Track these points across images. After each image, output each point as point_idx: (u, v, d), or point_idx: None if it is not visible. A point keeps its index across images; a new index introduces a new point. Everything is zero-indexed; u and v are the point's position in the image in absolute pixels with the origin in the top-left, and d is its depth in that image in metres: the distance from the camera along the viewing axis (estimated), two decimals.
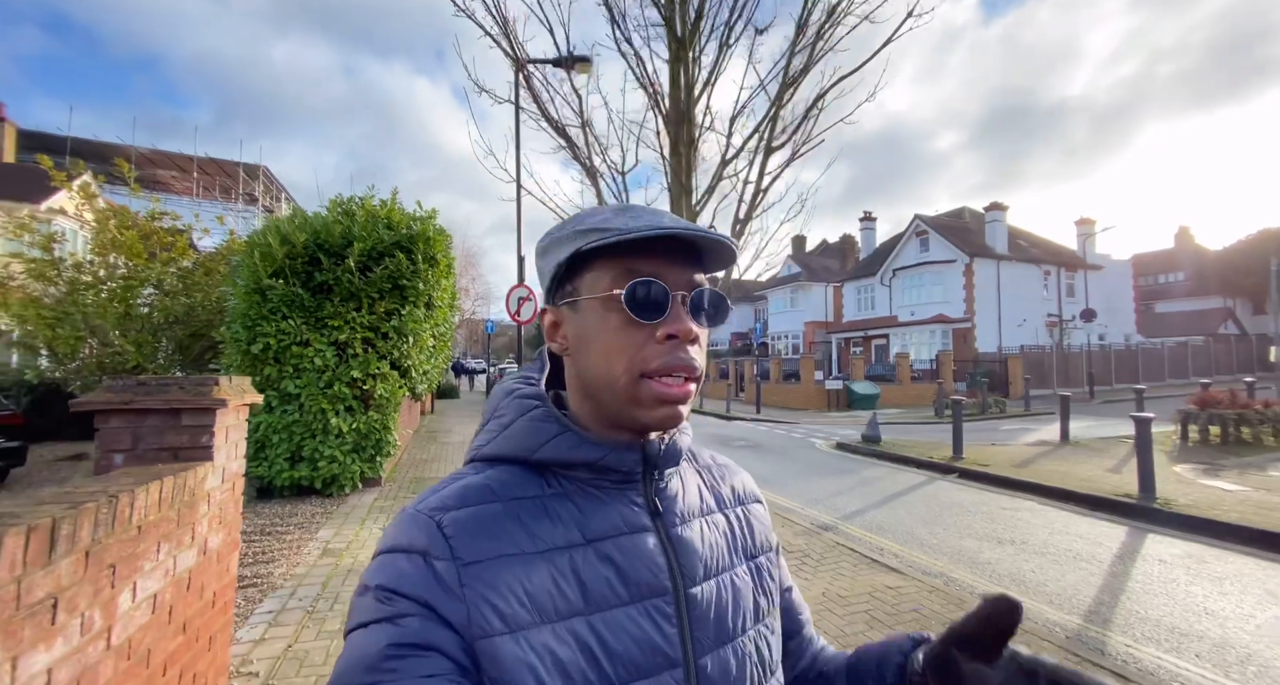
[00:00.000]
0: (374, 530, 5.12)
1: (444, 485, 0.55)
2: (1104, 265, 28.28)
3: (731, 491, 0.68)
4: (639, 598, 0.52)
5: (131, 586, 1.58)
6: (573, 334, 0.57)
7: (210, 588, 2.10)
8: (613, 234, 0.51)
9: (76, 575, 1.34)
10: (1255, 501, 5.73)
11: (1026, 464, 7.97)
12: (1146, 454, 5.92)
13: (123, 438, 1.99)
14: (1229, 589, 3.86)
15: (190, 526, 1.93)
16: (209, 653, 2.11)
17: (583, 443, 0.54)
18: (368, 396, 6.54)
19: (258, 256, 6.04)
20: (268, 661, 2.90)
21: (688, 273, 0.54)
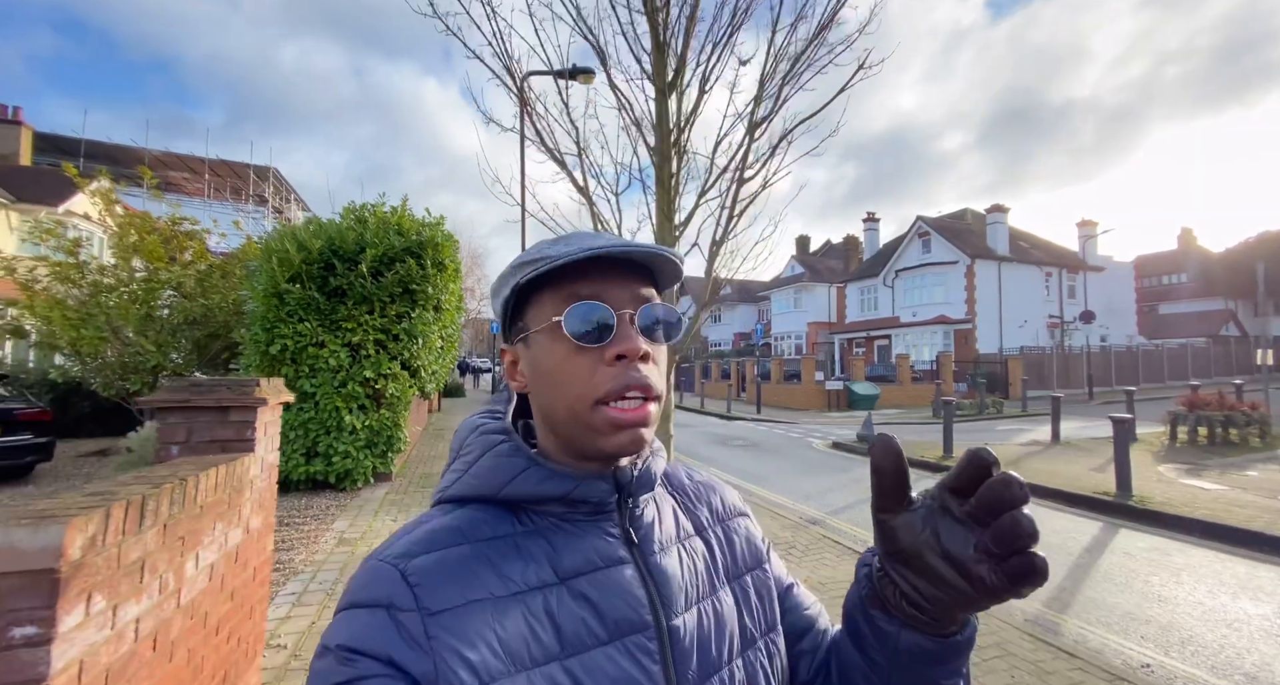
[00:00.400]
0: (386, 522, 5.43)
1: (408, 530, 0.53)
2: (1105, 267, 28.36)
3: (710, 511, 0.66)
4: (618, 635, 0.50)
5: (195, 556, 1.88)
6: (528, 370, 0.56)
7: (252, 563, 2.41)
8: (544, 262, 0.50)
9: (157, 543, 1.64)
10: (1228, 500, 5.96)
11: (1014, 463, 8.21)
12: (1124, 454, 6.16)
13: (179, 431, 2.30)
14: (1185, 579, 4.11)
15: (238, 509, 2.24)
16: (250, 620, 2.41)
17: (551, 476, 0.53)
18: (379, 395, 6.85)
19: (276, 262, 6.36)
20: (294, 635, 3.21)
21: (633, 290, 0.53)
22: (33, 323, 8.47)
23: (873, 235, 34.34)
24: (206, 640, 1.99)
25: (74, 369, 8.84)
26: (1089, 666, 2.84)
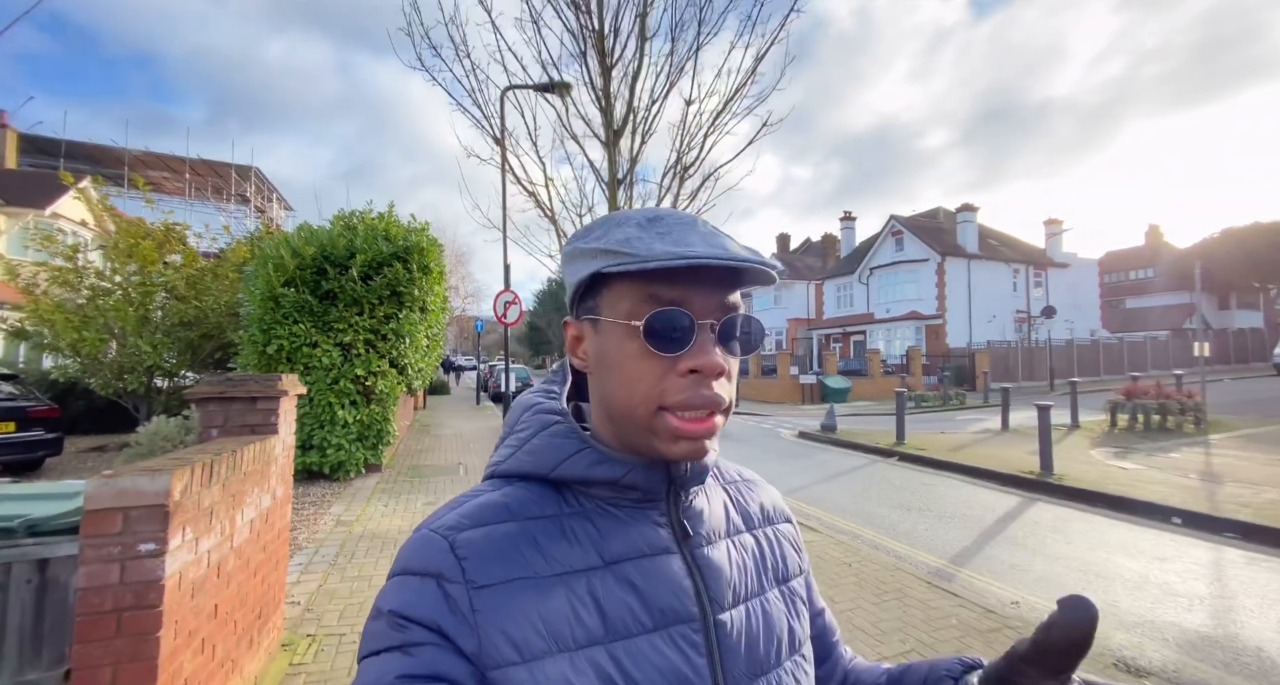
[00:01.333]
0: (378, 507, 5.94)
1: (459, 502, 0.53)
2: (1070, 263, 29.48)
3: (760, 510, 0.65)
4: (663, 624, 0.49)
5: (241, 511, 2.43)
6: (593, 353, 0.54)
7: (277, 524, 2.94)
8: (632, 261, 0.47)
9: (220, 496, 2.19)
10: (1140, 477, 6.70)
11: (960, 448, 8.94)
12: (1046, 438, 6.88)
13: (217, 417, 2.83)
14: (1076, 541, 4.80)
15: (267, 478, 2.77)
16: (276, 571, 2.95)
17: (604, 460, 0.52)
18: (370, 392, 7.35)
19: (271, 268, 6.82)
20: (305, 595, 3.73)
21: (719, 296, 0.50)
22: (35, 325, 8.79)
23: (849, 233, 35.22)
24: (248, 580, 2.53)
25: (73, 369, 9.18)
26: (968, 604, 3.48)
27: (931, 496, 6.41)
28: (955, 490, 6.70)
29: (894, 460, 8.60)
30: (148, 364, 8.78)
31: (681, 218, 0.53)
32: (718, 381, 0.50)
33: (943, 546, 4.72)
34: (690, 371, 0.48)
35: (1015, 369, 23.03)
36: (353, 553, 4.56)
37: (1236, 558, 4.39)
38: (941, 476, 7.48)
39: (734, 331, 0.51)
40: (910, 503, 6.14)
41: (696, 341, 0.49)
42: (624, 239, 0.49)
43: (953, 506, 5.99)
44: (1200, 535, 4.92)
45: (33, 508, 2.10)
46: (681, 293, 0.49)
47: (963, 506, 5.98)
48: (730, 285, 0.51)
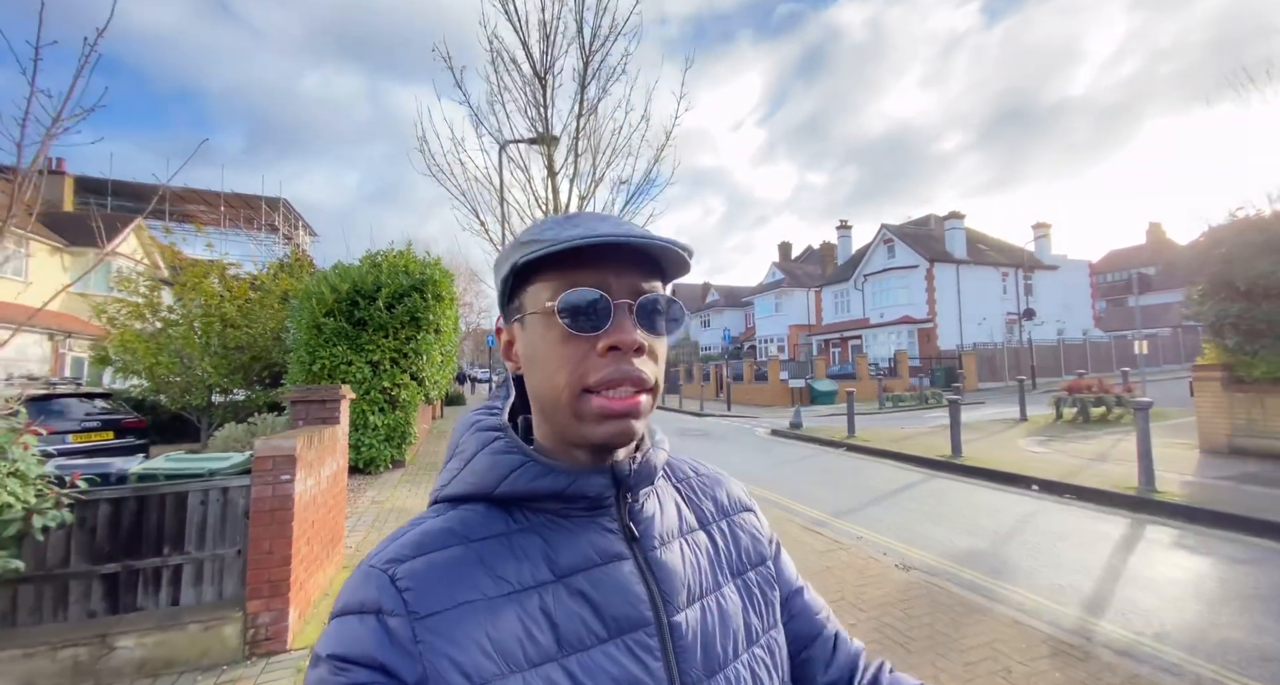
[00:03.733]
0: (404, 493, 7.45)
1: (400, 533, 0.52)
2: (1059, 266, 30.33)
3: (715, 504, 0.65)
4: (617, 632, 0.49)
5: (324, 468, 3.93)
6: (522, 352, 0.55)
7: (339, 483, 4.45)
8: (543, 246, 0.48)
9: (316, 455, 3.70)
10: (1042, 458, 7.94)
11: (902, 440, 10.21)
12: (956, 428, 8.19)
13: (303, 412, 4.36)
14: (951, 502, 6.11)
15: (335, 451, 4.29)
16: (339, 514, 4.45)
17: (547, 472, 0.52)
18: (395, 400, 8.91)
19: (315, 302, 8.45)
20: (355, 543, 5.22)
21: (635, 280, 0.51)
22: (118, 352, 10.54)
23: (846, 241, 36.42)
24: (326, 513, 4.04)
25: (148, 388, 10.91)
26: (824, 538, 4.85)
27: (855, 475, 7.75)
28: (876, 470, 8.03)
29: (842, 451, 9.92)
30: (209, 382, 10.47)
31: (597, 214, 0.55)
32: (639, 358, 0.50)
33: (835, 507, 6.07)
34: (610, 349, 0.49)
35: (1001, 369, 24.01)
36: (386, 520, 6.06)
37: (1052, 508, 5.70)
38: (872, 461, 8.80)
39: (654, 310, 0.51)
40: (834, 480, 7.49)
41: (614, 321, 0.49)
42: (539, 232, 0.52)
43: (866, 481, 7.33)
44: (1045, 497, 6.20)
45: (209, 465, 3.63)
46: (598, 276, 0.50)
47: (875, 480, 7.31)
48: (649, 272, 0.53)
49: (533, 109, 4.62)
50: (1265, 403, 7.60)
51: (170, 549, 3.19)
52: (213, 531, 3.29)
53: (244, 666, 3.02)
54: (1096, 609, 3.44)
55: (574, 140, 4.53)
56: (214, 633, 3.09)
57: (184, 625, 3.04)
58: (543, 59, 4.51)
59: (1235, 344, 8.03)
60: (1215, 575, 3.92)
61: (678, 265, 0.54)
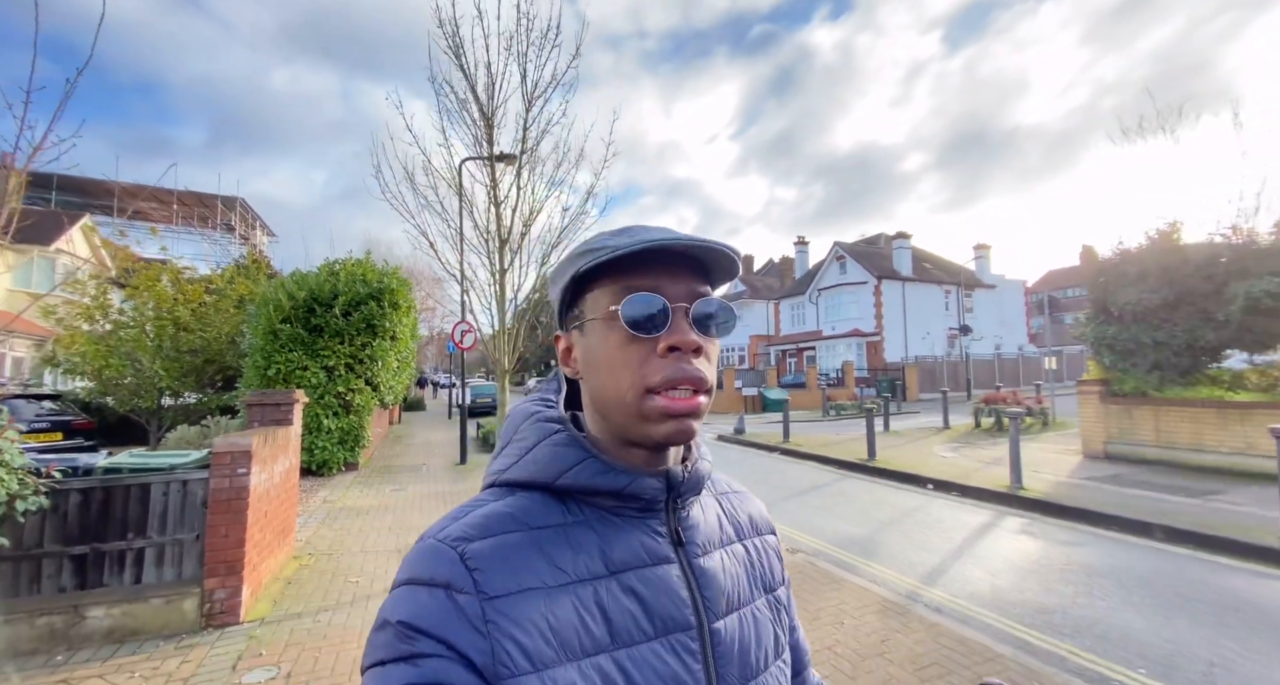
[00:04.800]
0: (356, 493, 7.80)
1: (463, 512, 0.54)
2: (997, 285, 32.35)
3: (750, 521, 0.68)
4: (664, 632, 0.51)
5: (277, 464, 4.37)
6: (582, 356, 0.57)
7: (290, 479, 4.88)
8: (605, 252, 0.52)
9: (270, 451, 4.16)
10: (945, 462, 8.84)
11: (830, 445, 11.07)
12: (871, 434, 9.04)
13: (258, 414, 4.78)
14: (852, 496, 6.87)
15: (287, 450, 4.72)
16: (290, 507, 4.87)
17: (607, 470, 0.54)
18: (349, 405, 9.23)
19: (271, 308, 8.74)
20: (305, 537, 5.62)
21: (689, 285, 0.54)
22: (65, 354, 10.50)
23: (803, 256, 37.92)
24: (278, 506, 4.47)
25: (95, 389, 10.89)
26: None
27: (778, 475, 8.49)
28: (798, 471, 8.81)
29: (776, 454, 10.69)
30: (160, 385, 10.53)
31: (649, 225, 0.57)
32: (697, 359, 0.53)
33: None
34: (670, 350, 0.52)
35: (941, 381, 25.50)
36: (336, 517, 6.44)
37: (937, 503, 6.53)
38: (798, 463, 9.59)
39: (706, 313, 0.54)
40: (759, 480, 8.21)
41: (673, 323, 0.52)
42: (597, 242, 0.55)
43: (785, 480, 8.08)
44: (935, 494, 7.05)
45: (170, 460, 4.03)
46: (655, 281, 0.53)
47: (792, 480, 8.07)
48: (700, 276, 0.56)
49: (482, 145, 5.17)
50: (1133, 414, 8.69)
51: (134, 534, 3.59)
52: (173, 519, 3.71)
53: (201, 635, 3.45)
54: (932, 579, 4.18)
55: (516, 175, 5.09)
56: (174, 606, 3.51)
57: (147, 599, 3.47)
58: (489, 103, 5.08)
59: (1110, 362, 9.15)
60: (1039, 554, 4.74)
61: (727, 270, 0.57)
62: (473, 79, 4.94)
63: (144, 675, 3.00)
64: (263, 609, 3.84)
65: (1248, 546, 4.59)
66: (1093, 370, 9.67)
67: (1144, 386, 8.60)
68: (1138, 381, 8.69)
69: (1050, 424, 13.51)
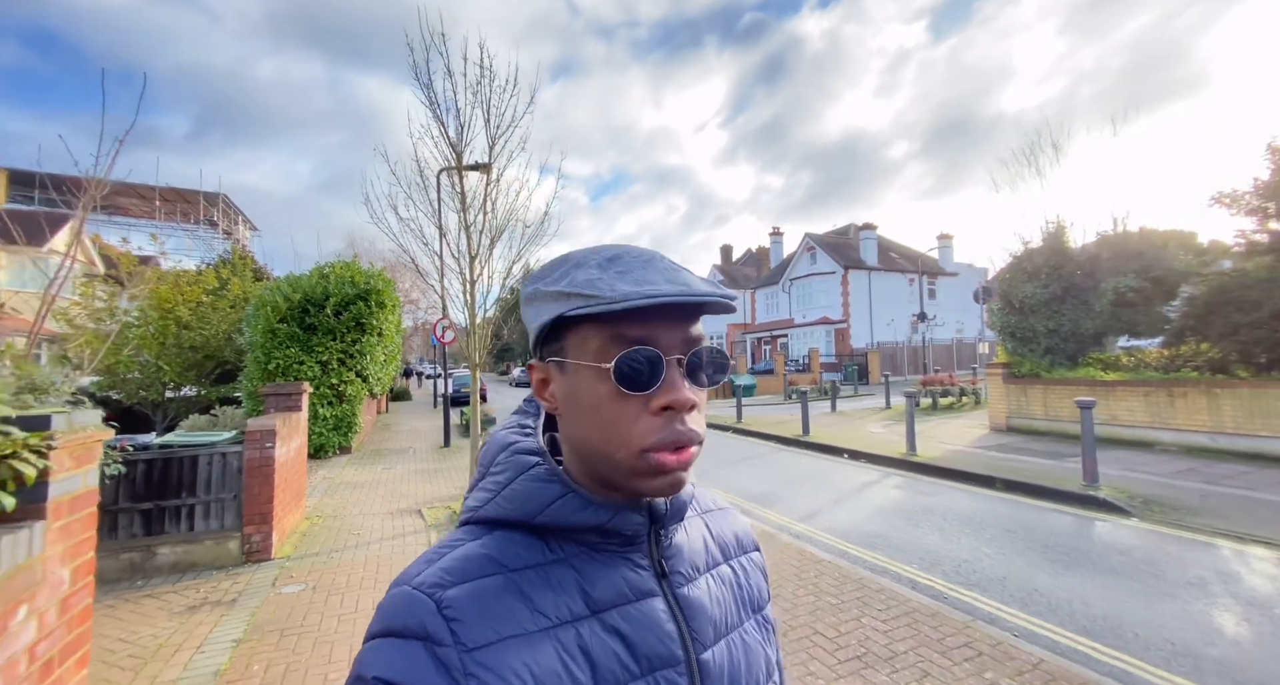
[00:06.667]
0: (351, 471, 8.90)
1: (439, 554, 0.52)
2: (960, 273, 33.88)
3: (735, 539, 0.67)
4: (649, 670, 0.50)
5: (291, 442, 5.48)
6: (562, 395, 0.54)
7: (302, 455, 5.99)
8: (597, 304, 0.48)
9: (287, 431, 5.28)
10: (874, 435, 10.15)
11: (780, 424, 12.36)
12: (805, 413, 10.31)
13: (273, 403, 5.87)
14: (777, 464, 8.13)
15: (298, 431, 5.83)
16: (302, 477, 5.98)
17: (587, 506, 0.52)
18: (342, 395, 10.29)
19: (269, 309, 9.74)
20: (313, 505, 6.73)
21: (683, 331, 0.51)
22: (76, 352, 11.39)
23: (778, 247, 39.15)
24: (295, 474, 5.60)
25: (103, 383, 11.81)
26: None
27: (722, 449, 9.76)
28: (742, 446, 10.08)
29: (729, 433, 11.97)
30: (164, 379, 11.48)
31: (640, 255, 0.53)
32: (690, 416, 0.50)
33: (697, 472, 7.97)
34: (663, 409, 0.49)
35: (902, 365, 27.05)
36: (336, 490, 7.56)
37: (845, 467, 7.82)
38: (744, 439, 10.87)
39: (700, 364, 0.52)
40: (709, 453, 9.45)
41: (666, 378, 0.49)
42: (586, 281, 0.50)
43: (728, 453, 9.34)
44: (847, 461, 8.34)
45: (209, 438, 5.13)
46: (647, 330, 0.49)
47: (733, 453, 9.33)
48: (693, 318, 0.52)
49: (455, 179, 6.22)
50: (1028, 392, 10.06)
51: (187, 494, 4.70)
52: (216, 482, 4.82)
53: (244, 567, 4.59)
54: (806, 518, 5.44)
55: (482, 202, 6.14)
56: (222, 546, 4.65)
57: (201, 541, 4.59)
58: (458, 141, 6.14)
59: (1012, 347, 10.50)
60: (898, 500, 6.03)
61: (721, 310, 0.52)
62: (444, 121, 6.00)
63: (206, 592, 4.13)
64: (287, 550, 4.98)
65: (1055, 491, 5.91)
66: (1000, 355, 11.03)
67: (1037, 369, 9.96)
68: (1032, 364, 10.05)
69: (982, 403, 14.94)
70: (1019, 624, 3.31)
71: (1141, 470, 6.90)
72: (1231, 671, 2.73)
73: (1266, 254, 7.30)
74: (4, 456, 1.53)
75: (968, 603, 3.61)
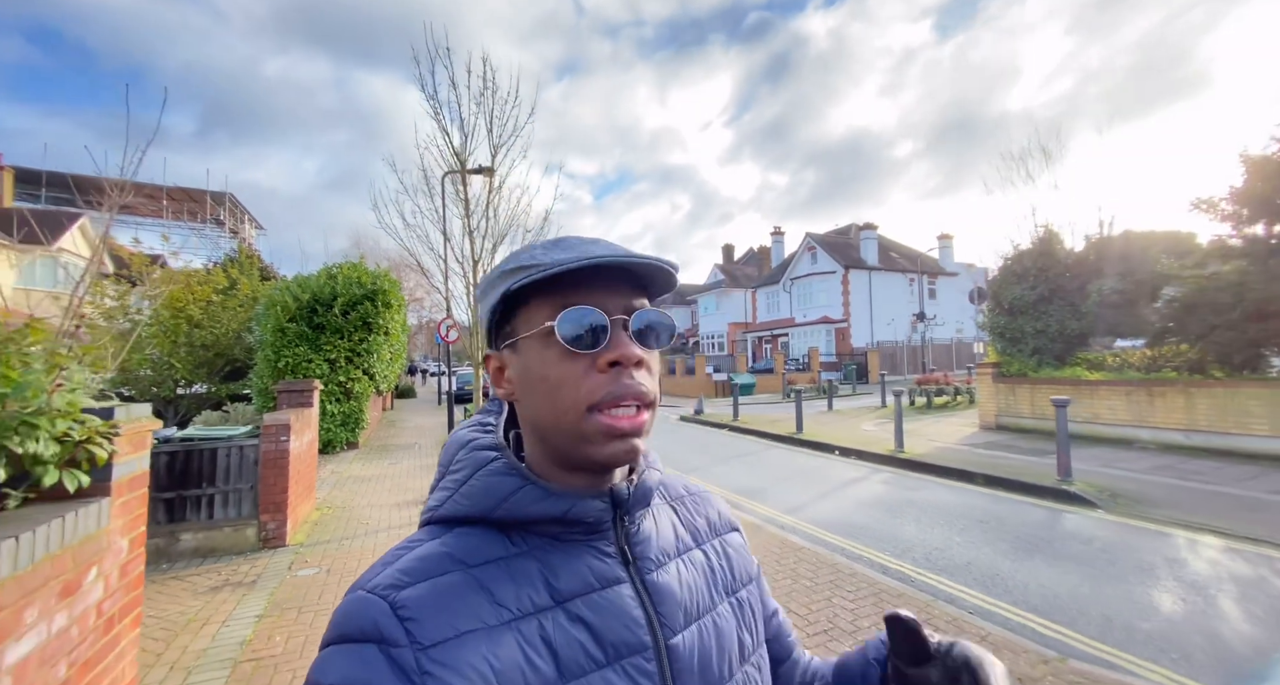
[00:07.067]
0: (358, 466, 9.22)
1: (395, 555, 0.51)
2: (959, 272, 34.03)
3: (708, 523, 0.66)
4: (616, 657, 0.50)
5: (304, 435, 5.80)
6: (517, 377, 0.55)
7: (313, 449, 6.30)
8: (538, 270, 0.49)
9: (300, 425, 5.59)
10: (867, 433, 10.42)
11: (775, 423, 12.62)
12: (799, 412, 10.58)
13: (286, 399, 6.19)
14: (769, 460, 8.40)
15: (310, 426, 6.14)
16: (312, 470, 6.29)
17: (546, 496, 0.52)
18: (349, 392, 10.61)
19: (279, 309, 10.06)
20: (323, 497, 7.04)
21: (626, 298, 0.53)
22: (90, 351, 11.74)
23: (779, 246, 39.37)
24: (307, 466, 5.91)
25: (116, 380, 12.16)
26: None
27: (719, 447, 10.04)
28: (737, 443, 10.36)
29: (725, 431, 12.26)
30: (179, 376, 11.83)
31: (583, 237, 0.55)
32: (639, 372, 0.51)
33: (690, 466, 8.29)
34: (611, 365, 0.50)
35: (902, 364, 27.27)
36: (344, 483, 7.87)
37: (834, 463, 8.10)
38: (739, 437, 11.15)
39: (645, 325, 0.53)
40: (701, 450, 9.75)
41: (612, 337, 0.50)
42: (527, 256, 0.53)
43: (723, 451, 9.62)
44: (837, 458, 8.62)
45: (227, 432, 5.44)
46: (591, 296, 0.51)
47: (729, 450, 9.61)
48: (638, 290, 0.54)
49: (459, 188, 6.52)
50: (1015, 391, 10.31)
51: (207, 484, 5.01)
52: (234, 474, 5.13)
53: (261, 552, 4.90)
54: (793, 511, 5.73)
55: (485, 208, 6.44)
56: (240, 533, 4.96)
57: (221, 528, 4.91)
58: (462, 150, 6.44)
59: (1002, 348, 10.75)
60: (882, 494, 6.30)
61: (664, 283, 0.54)
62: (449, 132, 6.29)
63: (227, 575, 4.44)
64: (300, 538, 5.29)
65: (1031, 486, 6.18)
66: (990, 355, 11.28)
67: (1025, 368, 10.21)
68: (1020, 364, 10.30)
69: (976, 402, 15.17)
70: (976, 603, 3.59)
71: (1118, 466, 7.17)
72: (1157, 641, 3.01)
73: (1240, 258, 7.54)
74: (83, 441, 1.82)
75: (933, 585, 3.89)
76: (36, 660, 1.54)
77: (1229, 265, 7.78)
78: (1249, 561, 4.09)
